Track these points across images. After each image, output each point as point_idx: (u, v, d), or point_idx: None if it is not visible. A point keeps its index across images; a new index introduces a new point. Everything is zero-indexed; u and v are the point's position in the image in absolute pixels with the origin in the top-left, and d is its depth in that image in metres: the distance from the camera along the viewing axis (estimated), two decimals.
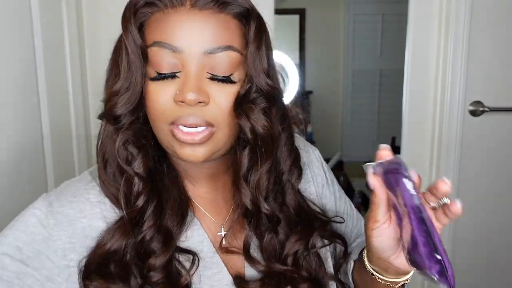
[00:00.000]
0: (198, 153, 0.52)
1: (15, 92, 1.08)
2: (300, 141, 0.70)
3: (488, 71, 1.48)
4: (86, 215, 0.55)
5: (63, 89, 1.33)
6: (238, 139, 0.55)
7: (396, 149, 0.85)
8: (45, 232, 0.53)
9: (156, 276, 0.52)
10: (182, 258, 0.55)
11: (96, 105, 0.58)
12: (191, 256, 0.55)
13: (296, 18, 4.78)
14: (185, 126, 0.51)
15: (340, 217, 0.67)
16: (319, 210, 0.65)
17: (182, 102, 0.50)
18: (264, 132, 0.53)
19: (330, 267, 0.65)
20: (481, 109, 1.49)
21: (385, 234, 0.50)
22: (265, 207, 0.56)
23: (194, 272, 0.54)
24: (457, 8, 1.42)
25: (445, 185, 0.46)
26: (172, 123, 0.52)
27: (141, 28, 0.52)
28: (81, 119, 1.41)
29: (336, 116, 5.04)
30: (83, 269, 0.52)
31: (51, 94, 1.23)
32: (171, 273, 0.53)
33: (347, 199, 0.75)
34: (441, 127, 1.51)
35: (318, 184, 0.69)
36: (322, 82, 4.87)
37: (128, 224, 0.53)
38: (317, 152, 0.71)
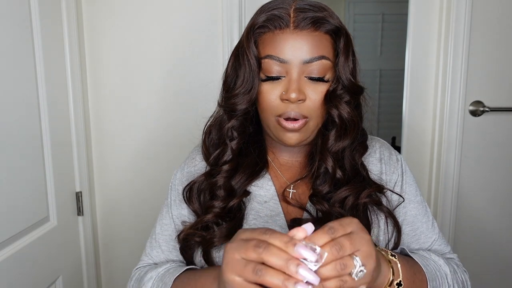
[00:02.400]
0: (295, 137, 0.69)
1: (15, 94, 1.08)
2: (385, 146, 0.82)
3: (488, 71, 1.48)
4: (196, 165, 0.82)
5: (63, 89, 1.33)
6: (325, 123, 0.71)
7: (396, 149, 0.86)
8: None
9: (218, 208, 0.72)
10: (245, 199, 0.76)
11: (96, 104, 0.58)
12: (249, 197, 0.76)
13: None
14: (287, 119, 0.68)
15: (400, 195, 0.76)
16: (376, 180, 0.75)
17: (287, 100, 0.66)
18: (348, 118, 0.70)
19: (377, 241, 0.73)
20: (481, 109, 1.49)
21: None
22: (339, 172, 0.71)
23: (247, 206, 0.74)
24: (457, 8, 1.42)
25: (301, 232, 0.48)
26: (278, 116, 0.68)
27: (255, 44, 0.69)
28: (81, 119, 1.41)
29: None
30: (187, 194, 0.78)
31: (51, 93, 1.23)
32: (231, 207, 0.72)
33: (424, 208, 0.79)
34: (441, 127, 1.50)
35: (391, 180, 0.77)
36: None
37: (210, 171, 0.75)
38: (400, 156, 0.81)
